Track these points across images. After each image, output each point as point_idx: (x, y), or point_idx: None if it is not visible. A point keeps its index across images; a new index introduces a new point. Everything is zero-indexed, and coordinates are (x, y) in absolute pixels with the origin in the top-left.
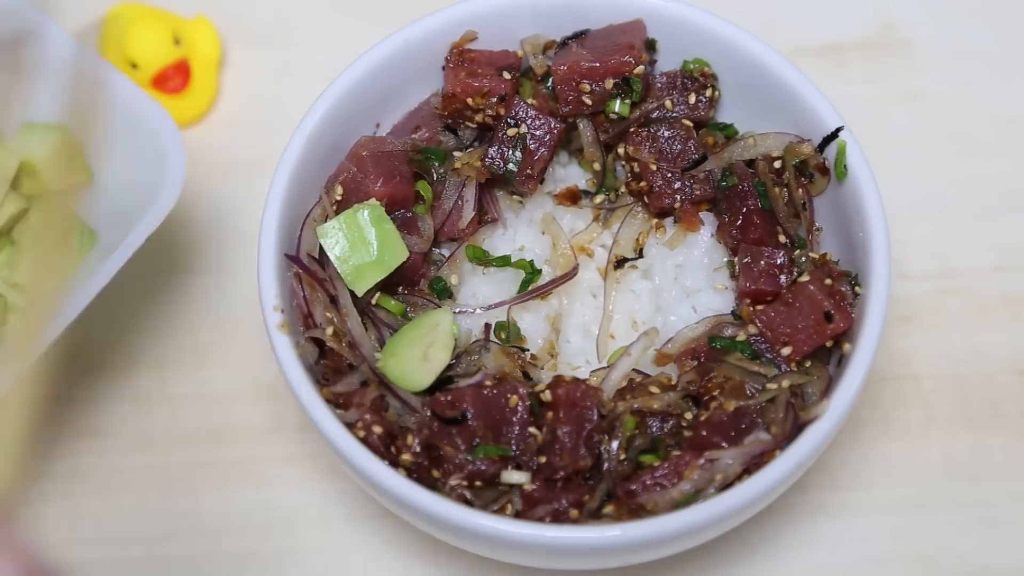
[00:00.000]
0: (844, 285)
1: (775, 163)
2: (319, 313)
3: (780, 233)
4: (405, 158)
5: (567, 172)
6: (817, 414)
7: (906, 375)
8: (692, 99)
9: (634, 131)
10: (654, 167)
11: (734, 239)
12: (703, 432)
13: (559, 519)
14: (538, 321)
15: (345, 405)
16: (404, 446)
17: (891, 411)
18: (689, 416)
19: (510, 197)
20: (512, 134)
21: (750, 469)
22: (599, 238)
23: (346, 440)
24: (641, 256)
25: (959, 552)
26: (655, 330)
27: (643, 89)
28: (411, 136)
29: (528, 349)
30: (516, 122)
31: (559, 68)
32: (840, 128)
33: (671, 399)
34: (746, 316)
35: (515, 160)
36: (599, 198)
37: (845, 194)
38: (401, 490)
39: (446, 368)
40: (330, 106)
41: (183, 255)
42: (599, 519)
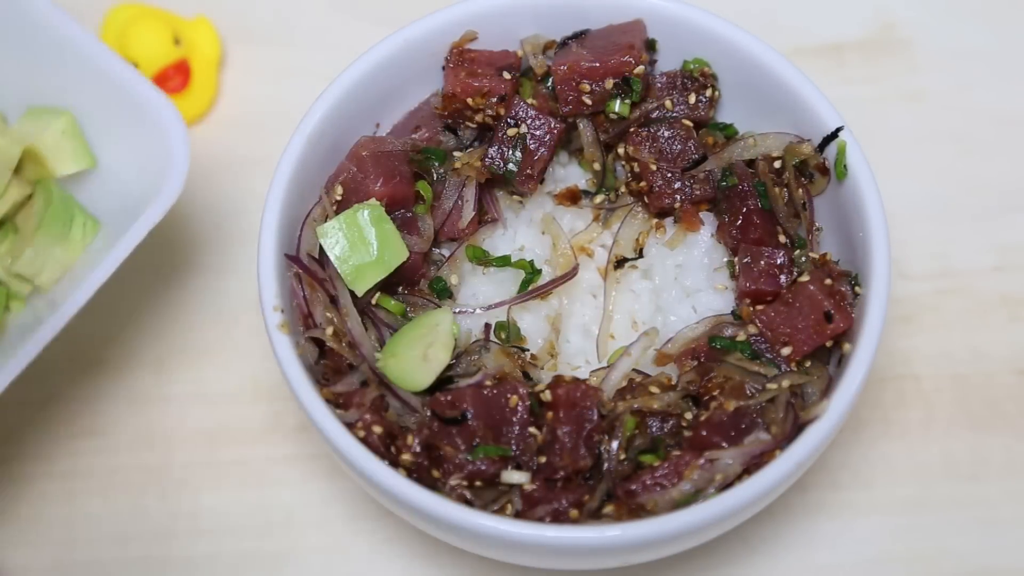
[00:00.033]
0: (844, 285)
1: (775, 163)
2: (319, 313)
3: (780, 233)
4: (405, 158)
5: (567, 172)
6: (817, 414)
7: (906, 375)
8: (692, 99)
9: (634, 131)
10: (654, 167)
11: (734, 239)
12: (703, 432)
13: (559, 519)
14: (538, 321)
15: (345, 405)
16: (404, 446)
17: (891, 411)
18: (689, 416)
19: (510, 197)
20: (512, 134)
21: (750, 469)
22: (599, 238)
23: (346, 440)
24: (641, 256)
25: (959, 552)
26: (655, 330)
27: (643, 89)
28: (411, 136)
29: (528, 349)
30: (516, 122)
31: (559, 68)
32: (840, 128)
33: (671, 399)
34: (746, 316)
35: (515, 160)
36: (599, 198)
37: (845, 194)
38: (401, 490)
39: (446, 368)
40: (330, 106)
41: (183, 254)
42: (599, 519)
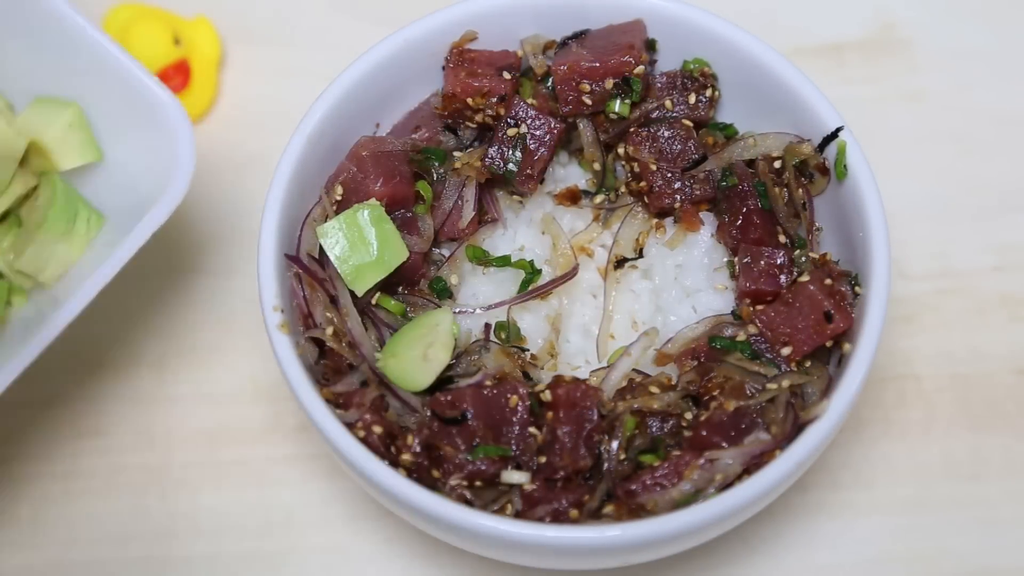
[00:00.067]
0: (844, 285)
1: (775, 163)
2: (319, 313)
3: (780, 233)
4: (405, 158)
5: (567, 172)
6: (817, 414)
7: (907, 375)
8: (692, 99)
9: (634, 131)
10: (654, 167)
11: (734, 239)
12: (703, 432)
13: (559, 519)
14: (538, 321)
15: (345, 405)
16: (404, 446)
17: (892, 411)
18: (689, 416)
19: (510, 197)
20: (512, 134)
21: (750, 469)
22: (599, 238)
23: (346, 440)
24: (641, 256)
25: (959, 552)
26: (655, 330)
27: (643, 89)
28: (411, 136)
29: (528, 349)
30: (516, 122)
31: (559, 68)
32: (840, 128)
33: (671, 399)
34: (746, 316)
35: (515, 160)
36: (599, 198)
37: (845, 194)
38: (401, 490)
39: (446, 368)
40: (330, 106)
41: (183, 254)
42: (599, 519)
